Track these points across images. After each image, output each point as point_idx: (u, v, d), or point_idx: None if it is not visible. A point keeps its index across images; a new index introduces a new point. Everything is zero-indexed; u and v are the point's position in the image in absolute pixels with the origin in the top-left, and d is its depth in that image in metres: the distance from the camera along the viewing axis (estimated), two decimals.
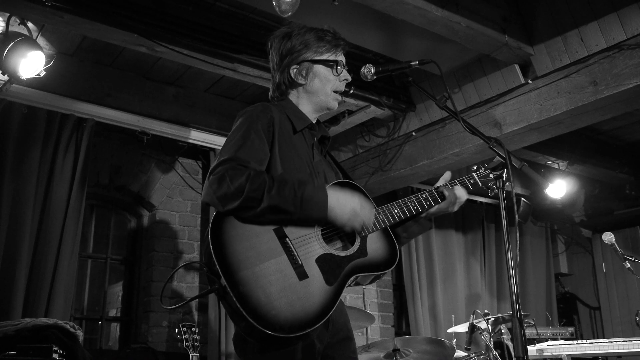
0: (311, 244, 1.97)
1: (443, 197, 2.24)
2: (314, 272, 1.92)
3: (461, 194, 2.27)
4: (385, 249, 2.11)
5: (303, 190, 1.92)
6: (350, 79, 2.29)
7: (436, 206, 2.25)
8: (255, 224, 1.92)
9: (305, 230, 1.99)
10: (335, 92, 2.25)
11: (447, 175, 2.34)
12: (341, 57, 2.27)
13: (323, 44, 2.23)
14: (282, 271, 1.88)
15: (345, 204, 1.97)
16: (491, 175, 2.27)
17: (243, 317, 1.78)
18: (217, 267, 1.82)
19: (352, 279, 2.01)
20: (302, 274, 1.90)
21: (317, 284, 1.91)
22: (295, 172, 2.09)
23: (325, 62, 2.22)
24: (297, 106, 2.25)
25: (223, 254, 1.85)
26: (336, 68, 2.23)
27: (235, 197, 1.87)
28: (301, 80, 2.23)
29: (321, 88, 2.23)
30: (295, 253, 1.93)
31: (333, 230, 2.05)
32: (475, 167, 2.33)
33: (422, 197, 2.22)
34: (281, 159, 2.07)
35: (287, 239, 1.94)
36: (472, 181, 2.29)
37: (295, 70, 2.23)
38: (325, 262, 1.96)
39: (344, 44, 2.28)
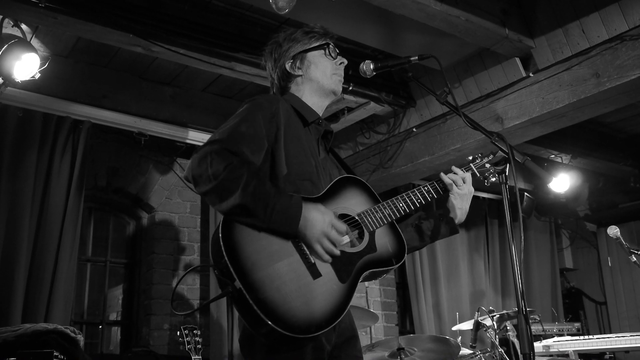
0: None
1: (445, 189, 2.27)
2: (327, 269, 1.91)
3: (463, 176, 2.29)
4: (394, 244, 2.11)
5: (277, 200, 1.85)
6: (346, 61, 2.30)
7: (450, 203, 2.28)
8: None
9: None
10: (335, 74, 2.25)
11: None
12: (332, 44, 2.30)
13: (311, 35, 2.27)
14: (295, 270, 1.86)
15: (314, 225, 1.87)
16: (487, 165, 2.32)
17: (260, 320, 1.75)
18: (231, 269, 1.78)
19: (364, 275, 2.00)
20: (315, 273, 1.88)
21: (330, 282, 1.89)
22: (301, 167, 2.06)
23: (316, 48, 2.25)
24: (302, 99, 2.24)
25: (236, 257, 1.81)
26: (329, 51, 2.25)
27: (208, 181, 1.85)
28: (298, 72, 2.25)
29: (320, 73, 2.24)
30: (307, 251, 1.90)
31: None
32: (471, 158, 2.36)
33: (425, 189, 2.25)
34: (286, 153, 2.05)
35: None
36: (470, 172, 2.32)
37: (289, 63, 2.25)
38: (336, 259, 1.93)
39: (332, 34, 2.30)
